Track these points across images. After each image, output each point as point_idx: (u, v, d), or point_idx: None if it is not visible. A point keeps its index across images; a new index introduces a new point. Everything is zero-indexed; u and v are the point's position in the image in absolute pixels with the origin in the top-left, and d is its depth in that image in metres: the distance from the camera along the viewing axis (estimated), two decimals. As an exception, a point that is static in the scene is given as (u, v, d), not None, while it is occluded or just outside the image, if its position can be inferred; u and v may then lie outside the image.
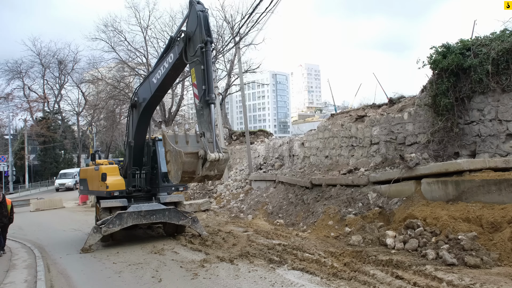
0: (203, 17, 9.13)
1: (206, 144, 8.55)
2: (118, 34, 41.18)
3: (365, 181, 12.12)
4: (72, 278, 8.61)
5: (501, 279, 6.37)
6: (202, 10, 9.17)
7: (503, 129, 9.93)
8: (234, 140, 27.14)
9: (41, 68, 60.43)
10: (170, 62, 10.06)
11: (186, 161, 8.61)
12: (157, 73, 10.68)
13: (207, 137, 8.64)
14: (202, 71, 8.93)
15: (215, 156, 8.40)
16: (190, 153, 8.73)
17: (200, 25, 9.09)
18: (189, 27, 9.49)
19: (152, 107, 11.96)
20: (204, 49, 8.98)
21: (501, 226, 7.88)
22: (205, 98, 8.76)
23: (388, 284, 6.61)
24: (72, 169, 50.59)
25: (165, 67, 10.32)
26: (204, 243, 11.08)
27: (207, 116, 8.78)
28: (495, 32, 10.44)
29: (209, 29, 9.21)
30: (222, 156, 8.60)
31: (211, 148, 8.55)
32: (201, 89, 8.86)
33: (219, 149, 8.66)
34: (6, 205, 11.42)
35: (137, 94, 11.67)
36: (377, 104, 15.02)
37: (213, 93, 8.97)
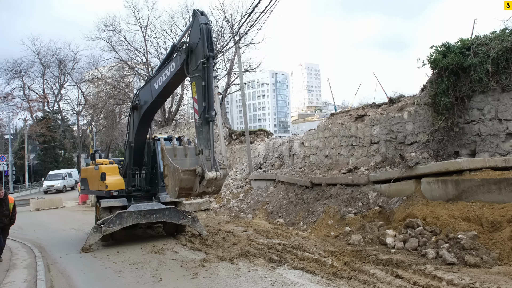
0: (206, 30, 8.95)
1: (204, 162, 8.63)
2: (118, 34, 41.22)
3: (365, 180, 12.12)
4: (72, 278, 8.61)
5: (501, 278, 6.38)
6: (205, 23, 8.99)
7: (503, 128, 9.93)
8: (234, 139, 27.12)
9: (40, 68, 60.38)
10: (172, 71, 9.93)
11: (183, 178, 8.73)
12: (158, 79, 10.58)
13: (205, 154, 8.69)
14: (203, 87, 8.80)
15: (213, 175, 8.49)
16: (188, 170, 8.82)
17: (202, 39, 8.92)
18: (191, 38, 9.33)
19: (153, 110, 11.96)
20: (206, 64, 8.82)
21: (501, 225, 7.88)
22: (205, 116, 8.74)
23: (388, 283, 6.61)
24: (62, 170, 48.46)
25: (166, 75, 10.19)
26: (204, 242, 11.08)
27: (206, 133, 8.78)
28: (495, 31, 10.43)
29: (211, 43, 9.04)
30: (220, 174, 8.66)
31: (209, 166, 8.62)
32: (201, 106, 8.78)
33: (217, 167, 8.72)
34: (7, 204, 10.53)
35: (139, 97, 11.66)
36: (377, 104, 15.02)
37: (213, 111, 8.92)
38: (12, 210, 10.66)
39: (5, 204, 10.46)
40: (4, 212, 10.44)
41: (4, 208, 10.44)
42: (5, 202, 10.47)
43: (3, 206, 10.44)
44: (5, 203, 10.47)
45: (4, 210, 10.44)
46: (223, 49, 31.48)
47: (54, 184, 42.35)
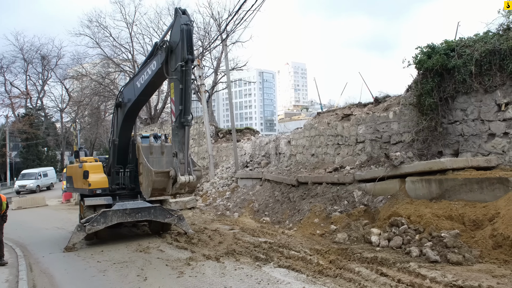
0: (186, 31, 8.74)
1: (178, 165, 8.66)
2: (103, 30, 40.69)
3: (351, 179, 12.22)
4: (55, 278, 8.48)
5: (482, 276, 6.51)
6: (186, 23, 8.78)
7: (485, 129, 10.12)
8: (220, 137, 27.05)
9: (23, 63, 59.22)
10: (153, 69, 9.78)
11: (156, 180, 8.88)
12: (141, 78, 10.45)
13: (179, 158, 8.70)
14: (181, 90, 8.71)
15: (185, 179, 8.58)
16: (161, 172, 8.94)
17: (182, 40, 8.71)
18: (172, 37, 9.14)
19: (136, 109, 11.85)
20: (184, 67, 8.68)
21: (482, 223, 8.04)
22: (181, 120, 8.71)
23: (373, 281, 6.68)
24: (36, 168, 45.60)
25: (148, 74, 10.06)
26: (190, 241, 11.04)
27: (181, 136, 8.78)
28: (479, 33, 10.61)
29: (191, 45, 8.88)
30: (193, 178, 8.74)
31: (183, 170, 8.65)
32: (178, 109, 8.73)
33: (190, 170, 8.77)
34: (0, 202, 10.06)
35: (122, 94, 11.53)
36: (363, 103, 15.16)
37: (190, 115, 8.81)
38: (5, 210, 10.24)
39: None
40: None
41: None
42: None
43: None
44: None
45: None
46: (210, 47, 31.39)
47: (26, 184, 39.09)
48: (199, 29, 38.51)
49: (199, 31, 38.30)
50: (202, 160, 26.59)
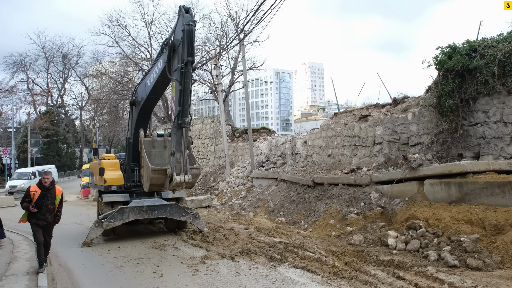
0: (187, 32, 8.63)
1: (175, 164, 8.83)
2: (123, 29, 41.26)
3: (368, 180, 12.09)
4: (74, 272, 8.62)
5: (503, 282, 6.35)
6: (188, 24, 8.65)
7: (508, 131, 9.87)
8: (236, 137, 27.11)
9: (45, 62, 60.63)
10: (160, 68, 9.79)
11: (153, 176, 9.26)
12: (150, 76, 10.52)
13: (176, 157, 8.84)
14: (179, 92, 8.72)
15: (180, 180, 8.78)
16: (159, 169, 9.23)
17: (183, 41, 8.63)
18: (176, 35, 9.10)
19: (149, 107, 11.97)
20: (184, 69, 8.63)
21: (504, 229, 7.85)
22: (178, 121, 8.78)
23: (389, 285, 6.59)
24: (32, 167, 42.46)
25: (156, 72, 10.10)
26: (205, 239, 11.08)
27: (179, 137, 8.86)
28: (502, 33, 10.37)
29: (192, 47, 8.81)
30: (188, 178, 8.91)
31: (179, 169, 8.83)
32: (176, 109, 8.80)
33: (187, 169, 8.93)
34: (54, 196, 8.35)
35: (137, 92, 11.66)
36: (381, 104, 14.98)
37: (188, 117, 8.86)
38: (58, 205, 8.54)
39: (50, 196, 8.29)
40: (48, 206, 8.26)
41: (49, 201, 8.27)
42: (50, 193, 8.28)
43: (48, 198, 8.26)
44: (50, 195, 8.29)
45: (49, 203, 8.27)
46: (227, 47, 31.45)
47: (17, 184, 34.88)
48: (216, 29, 38.70)
49: (216, 31, 38.48)
50: (218, 159, 26.70)
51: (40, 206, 8.17)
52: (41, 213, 8.19)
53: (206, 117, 32.89)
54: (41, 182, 8.35)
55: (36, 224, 8.29)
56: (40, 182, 8.36)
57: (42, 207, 8.19)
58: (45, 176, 8.39)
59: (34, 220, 8.28)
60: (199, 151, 28.98)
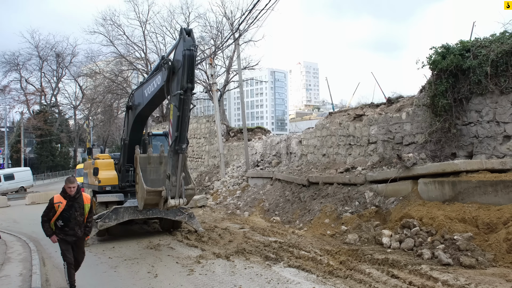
0: (188, 58, 8.39)
1: (170, 187, 8.87)
2: (117, 28, 41.14)
3: (362, 180, 12.14)
4: (68, 272, 8.57)
5: (495, 280, 6.40)
6: (189, 49, 8.41)
7: (501, 130, 9.95)
8: (231, 136, 27.10)
9: (38, 61, 60.29)
10: (158, 84, 9.61)
11: (148, 198, 9.25)
12: (148, 87, 10.36)
13: (171, 180, 8.86)
14: (177, 118, 8.63)
15: (174, 203, 8.86)
16: (153, 191, 9.20)
17: (183, 67, 8.43)
18: (176, 56, 8.88)
19: (146, 114, 11.94)
20: (183, 96, 8.49)
21: (496, 227, 7.91)
22: (175, 147, 8.76)
23: (383, 283, 6.63)
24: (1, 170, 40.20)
25: (154, 86, 9.96)
26: (200, 239, 11.08)
27: (175, 161, 8.87)
28: (495, 33, 10.44)
29: (193, 73, 8.63)
30: (183, 202, 9.02)
31: (174, 192, 8.88)
32: (174, 134, 8.76)
33: (182, 192, 8.97)
34: (82, 205, 7.11)
35: (133, 97, 11.58)
36: (375, 104, 15.04)
37: (185, 143, 8.82)
38: (87, 215, 7.29)
39: (78, 206, 7.05)
40: (77, 218, 7.05)
41: (77, 212, 7.04)
42: (78, 203, 7.05)
43: (76, 209, 7.02)
44: (78, 205, 7.05)
45: (77, 215, 7.05)
46: (222, 46, 31.44)
47: None
48: (211, 28, 38.65)
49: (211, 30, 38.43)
50: (213, 158, 26.68)
51: (68, 219, 6.95)
52: (70, 227, 6.98)
53: (201, 116, 32.85)
54: (65, 191, 7.01)
55: (65, 240, 7.07)
56: (64, 191, 7.02)
57: (70, 220, 6.97)
58: (70, 185, 6.98)
59: (62, 235, 7.05)
60: (194, 150, 28.95)
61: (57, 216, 6.95)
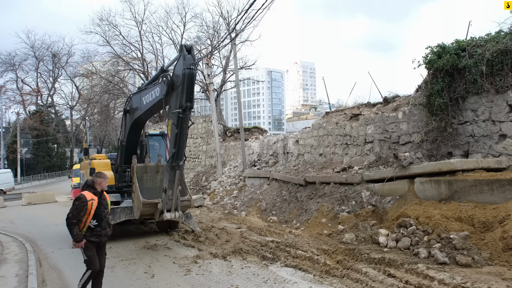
0: (188, 76, 8.34)
1: (166, 200, 9.02)
2: (113, 28, 41.04)
3: (359, 179, 12.16)
4: (64, 273, 8.57)
5: (491, 278, 6.43)
6: (189, 68, 8.37)
7: (496, 129, 10.00)
8: (228, 136, 27.08)
9: (34, 61, 60.06)
10: (157, 96, 9.57)
11: (144, 209, 9.44)
12: (146, 96, 10.33)
13: (168, 194, 8.98)
14: (175, 135, 8.63)
15: (170, 217, 9.06)
16: (149, 203, 9.36)
17: (182, 86, 8.38)
18: (176, 70, 8.82)
19: (144, 120, 11.97)
20: (182, 115, 8.47)
21: (492, 226, 7.94)
22: (172, 163, 8.81)
23: (380, 282, 6.64)
24: None
25: (152, 96, 9.92)
26: (197, 239, 11.07)
27: (172, 176, 8.94)
28: (490, 33, 10.48)
29: (192, 92, 8.59)
30: (178, 215, 9.21)
31: (170, 205, 9.03)
32: (171, 151, 8.78)
33: (178, 205, 9.13)
34: (107, 202, 6.67)
35: (131, 101, 11.55)
36: (372, 103, 15.07)
37: (182, 160, 8.86)
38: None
39: (105, 204, 6.63)
40: (106, 216, 6.61)
41: (106, 210, 6.59)
42: (104, 199, 6.61)
43: (105, 207, 6.56)
44: (105, 202, 6.63)
45: (106, 213, 6.60)
46: (219, 46, 31.41)
47: None
48: (208, 28, 38.63)
49: (208, 30, 38.41)
50: (210, 158, 26.66)
51: (101, 218, 6.41)
52: (102, 226, 6.42)
53: (198, 116, 32.82)
54: (93, 186, 6.49)
55: (92, 244, 6.34)
56: (92, 187, 6.47)
57: (102, 220, 6.43)
58: (102, 180, 6.57)
59: (94, 237, 6.32)
60: (191, 150, 28.91)
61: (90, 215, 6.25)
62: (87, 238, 6.25)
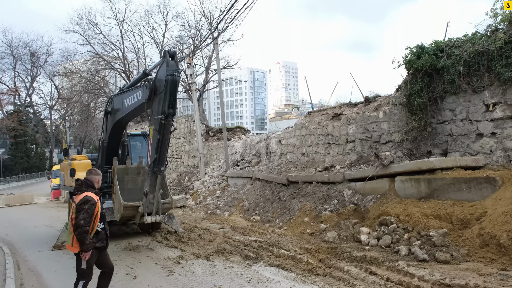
0: (171, 83, 8.28)
1: (147, 204, 9.07)
2: (93, 27, 40.40)
3: (341, 178, 12.28)
4: (43, 276, 8.41)
5: (469, 274, 6.58)
6: (172, 74, 8.30)
7: (473, 129, 10.23)
8: (211, 136, 26.99)
9: (12, 60, 58.59)
10: (139, 99, 9.44)
11: (125, 212, 9.53)
12: (128, 99, 10.19)
13: (149, 197, 9.01)
14: (157, 141, 8.58)
15: (151, 220, 9.20)
16: (130, 206, 9.44)
17: (165, 92, 8.30)
18: (158, 75, 8.71)
19: (126, 122, 11.86)
20: (164, 121, 8.43)
21: (470, 223, 8.13)
22: (154, 168, 8.79)
23: (362, 280, 6.73)
24: None
25: (134, 99, 9.80)
26: (180, 239, 11.00)
27: (153, 181, 8.97)
28: (467, 34, 10.72)
29: (175, 98, 8.56)
30: (160, 218, 9.37)
31: (151, 209, 9.11)
32: (153, 156, 8.73)
33: (159, 208, 9.23)
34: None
35: (113, 102, 11.40)
36: (353, 103, 15.22)
37: (163, 165, 8.86)
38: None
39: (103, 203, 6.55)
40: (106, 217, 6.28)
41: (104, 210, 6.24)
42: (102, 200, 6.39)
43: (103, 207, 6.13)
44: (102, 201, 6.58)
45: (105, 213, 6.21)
46: (201, 45, 31.26)
47: None
48: (190, 28, 38.41)
49: (190, 29, 38.19)
50: (192, 158, 26.52)
51: (105, 219, 5.93)
52: (106, 228, 6.00)
53: (180, 116, 32.60)
54: (93, 186, 5.91)
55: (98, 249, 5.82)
56: (92, 186, 5.90)
57: (105, 222, 5.95)
58: (99, 178, 6.06)
59: (99, 243, 5.77)
60: (173, 150, 28.71)
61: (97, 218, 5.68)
62: (93, 244, 5.66)
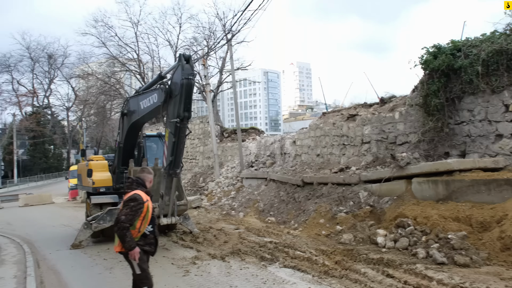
0: (186, 87, 8.38)
1: (163, 206, 9.21)
2: (109, 29, 40.94)
3: (356, 180, 12.19)
4: (62, 274, 8.54)
5: (490, 278, 6.47)
6: (187, 78, 8.38)
7: (493, 129, 10.05)
8: (225, 137, 27.06)
9: (30, 62, 59.82)
10: (155, 102, 9.55)
11: None
12: (144, 101, 10.31)
13: (165, 199, 9.13)
14: (173, 144, 8.69)
15: (166, 222, 9.36)
16: None
17: (180, 96, 8.41)
18: (174, 79, 8.82)
19: (141, 124, 12.01)
20: (179, 124, 8.52)
21: (490, 225, 7.99)
22: (169, 171, 8.89)
23: (379, 283, 6.66)
24: None
25: (150, 102, 9.90)
26: (195, 240, 11.06)
27: (169, 183, 9.08)
28: (485, 33, 10.55)
29: (190, 101, 8.68)
30: (176, 220, 9.59)
31: (166, 210, 9.27)
32: (169, 158, 8.84)
33: (174, 210, 9.42)
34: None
35: (129, 103, 11.54)
36: (369, 103, 15.10)
37: (179, 167, 8.96)
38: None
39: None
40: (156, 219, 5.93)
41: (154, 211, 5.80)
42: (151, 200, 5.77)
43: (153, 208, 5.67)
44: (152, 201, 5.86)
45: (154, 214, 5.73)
46: (215, 47, 31.41)
47: None
48: (204, 29, 38.62)
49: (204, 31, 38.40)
50: (207, 159, 26.63)
51: (155, 223, 5.53)
52: (156, 233, 5.55)
53: (194, 117, 32.77)
54: (144, 184, 5.51)
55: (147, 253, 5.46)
56: (143, 185, 5.49)
57: (155, 226, 5.53)
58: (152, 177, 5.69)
59: (147, 247, 5.36)
60: (188, 151, 28.88)
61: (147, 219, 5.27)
62: (141, 247, 5.22)
